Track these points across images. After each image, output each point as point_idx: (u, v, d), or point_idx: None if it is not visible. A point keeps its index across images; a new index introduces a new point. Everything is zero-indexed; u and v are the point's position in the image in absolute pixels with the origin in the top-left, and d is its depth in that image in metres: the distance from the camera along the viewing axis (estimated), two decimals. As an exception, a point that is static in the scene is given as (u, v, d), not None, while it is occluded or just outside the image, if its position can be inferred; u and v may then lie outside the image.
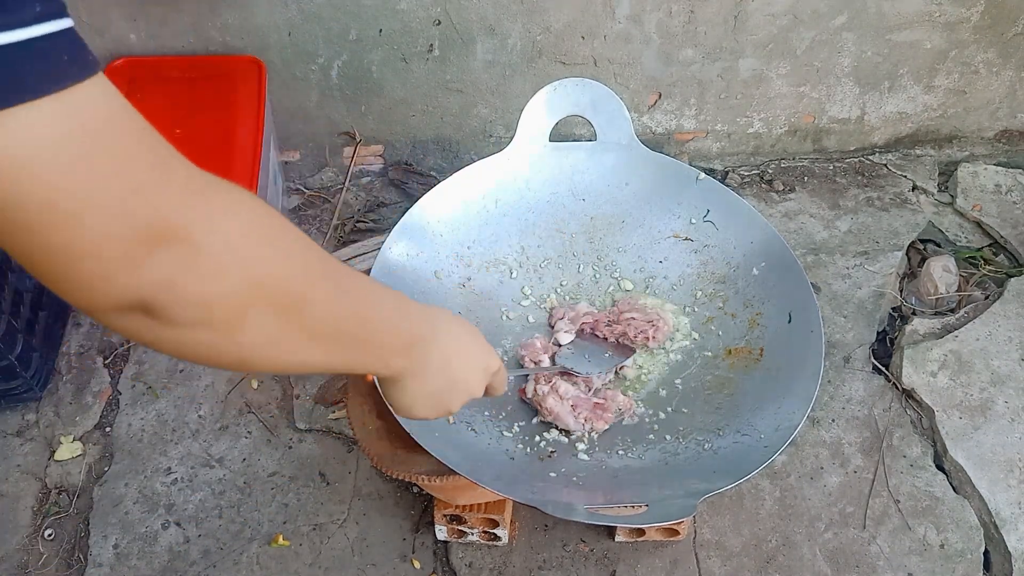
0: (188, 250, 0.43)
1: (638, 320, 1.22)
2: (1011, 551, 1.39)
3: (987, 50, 1.83)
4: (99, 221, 0.40)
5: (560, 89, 1.22)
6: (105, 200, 0.39)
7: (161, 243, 0.42)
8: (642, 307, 1.25)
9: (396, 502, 1.46)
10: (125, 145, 0.41)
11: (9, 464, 1.51)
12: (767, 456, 0.98)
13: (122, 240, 0.41)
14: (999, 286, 1.76)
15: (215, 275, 0.45)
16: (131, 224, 0.41)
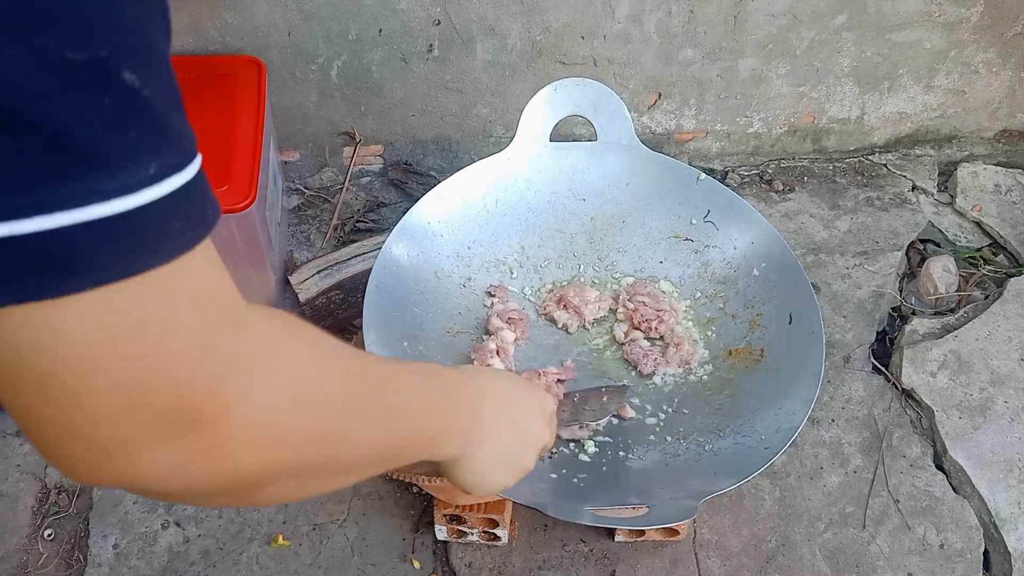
0: (208, 434, 0.37)
1: (647, 307, 1.23)
2: (1011, 551, 1.39)
3: (987, 50, 1.83)
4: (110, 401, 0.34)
5: (560, 89, 1.22)
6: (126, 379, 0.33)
7: (178, 430, 0.36)
8: (656, 293, 1.25)
9: (396, 502, 1.46)
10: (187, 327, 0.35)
11: (9, 464, 1.51)
12: (768, 457, 0.98)
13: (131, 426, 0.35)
14: (999, 286, 1.76)
15: (235, 457, 0.39)
16: (148, 408, 0.35)
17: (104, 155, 0.30)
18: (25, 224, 0.29)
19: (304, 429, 0.42)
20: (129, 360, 0.33)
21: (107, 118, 0.30)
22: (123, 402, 0.34)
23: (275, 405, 0.40)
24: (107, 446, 0.35)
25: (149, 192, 0.32)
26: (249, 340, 0.39)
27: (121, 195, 0.31)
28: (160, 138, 0.32)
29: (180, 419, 0.35)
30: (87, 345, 0.32)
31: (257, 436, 0.39)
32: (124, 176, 0.31)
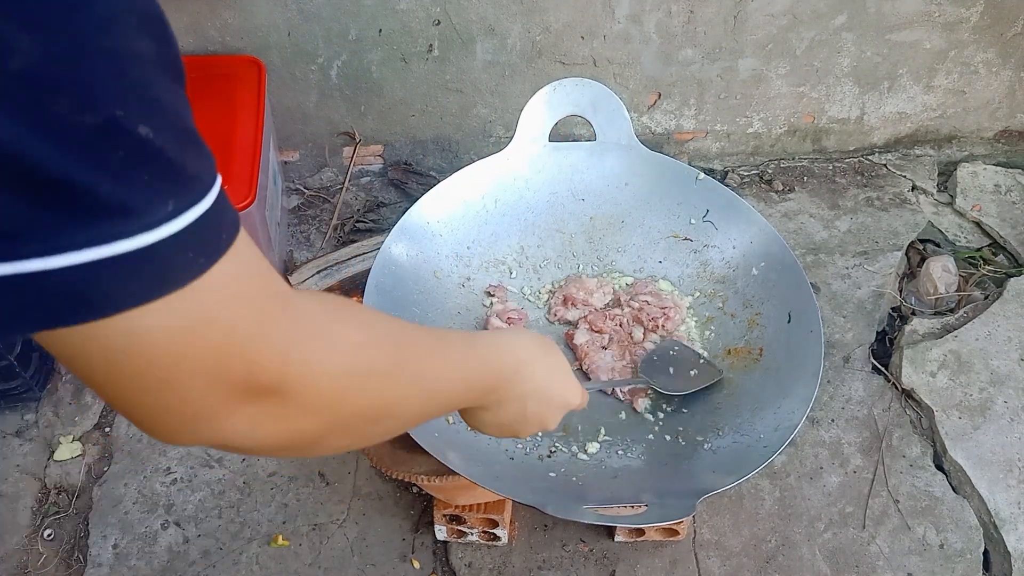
0: (276, 403, 0.43)
1: (652, 306, 1.23)
2: (1010, 551, 1.39)
3: (986, 50, 1.83)
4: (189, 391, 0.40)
5: (560, 89, 1.22)
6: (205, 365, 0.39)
7: (251, 399, 0.42)
8: (657, 292, 1.25)
9: (396, 502, 1.46)
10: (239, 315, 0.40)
11: (8, 464, 1.51)
12: (767, 456, 0.98)
13: (207, 405, 0.41)
14: (998, 286, 1.76)
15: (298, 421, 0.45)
16: (225, 384, 0.41)
17: (125, 203, 0.34)
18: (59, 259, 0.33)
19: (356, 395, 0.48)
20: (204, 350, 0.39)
21: (125, 170, 0.34)
22: (204, 383, 0.40)
23: (329, 377, 0.46)
24: (195, 416, 0.41)
25: (168, 227, 0.35)
26: (303, 322, 0.44)
27: (143, 232, 0.34)
28: (175, 180, 0.36)
29: (250, 392, 0.42)
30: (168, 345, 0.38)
31: (315, 403, 0.45)
32: (146, 217, 0.34)
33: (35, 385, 1.55)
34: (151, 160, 0.35)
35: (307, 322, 0.44)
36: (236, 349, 0.40)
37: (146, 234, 0.34)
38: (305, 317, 0.44)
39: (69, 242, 0.32)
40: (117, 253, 0.34)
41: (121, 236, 0.34)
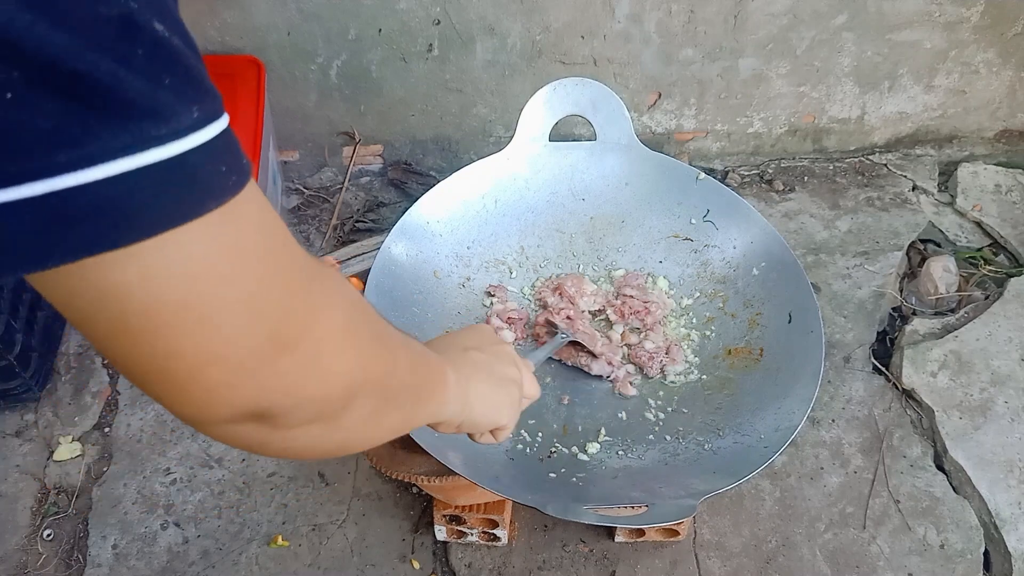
0: (308, 352, 0.43)
1: (635, 299, 1.23)
2: (1011, 551, 1.39)
3: (987, 50, 1.82)
4: (233, 329, 0.39)
5: (560, 89, 1.22)
6: (241, 310, 0.39)
7: (285, 349, 0.41)
8: (643, 286, 1.25)
9: (395, 502, 1.46)
10: (266, 255, 0.40)
11: (8, 464, 1.51)
12: (767, 456, 0.98)
13: (252, 347, 0.40)
14: (999, 286, 1.76)
15: (331, 372, 0.46)
16: (262, 331, 0.40)
17: (151, 103, 0.32)
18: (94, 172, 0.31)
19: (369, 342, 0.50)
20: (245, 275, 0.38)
21: (146, 67, 0.32)
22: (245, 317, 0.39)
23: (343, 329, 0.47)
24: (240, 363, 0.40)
25: (197, 136, 0.34)
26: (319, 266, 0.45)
27: (173, 139, 0.33)
28: (196, 85, 0.35)
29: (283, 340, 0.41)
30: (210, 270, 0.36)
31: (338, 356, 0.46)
32: (173, 122, 0.33)
33: (35, 385, 1.55)
34: (171, 60, 0.33)
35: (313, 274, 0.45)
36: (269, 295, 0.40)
37: (177, 142, 0.33)
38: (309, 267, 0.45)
39: (101, 150, 0.31)
40: (153, 162, 0.32)
41: (153, 143, 0.32)
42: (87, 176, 0.31)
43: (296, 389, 0.43)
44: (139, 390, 1.38)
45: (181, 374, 0.39)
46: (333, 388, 0.46)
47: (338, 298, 0.47)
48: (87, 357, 1.65)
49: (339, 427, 0.49)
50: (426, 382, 0.64)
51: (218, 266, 0.37)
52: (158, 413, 1.57)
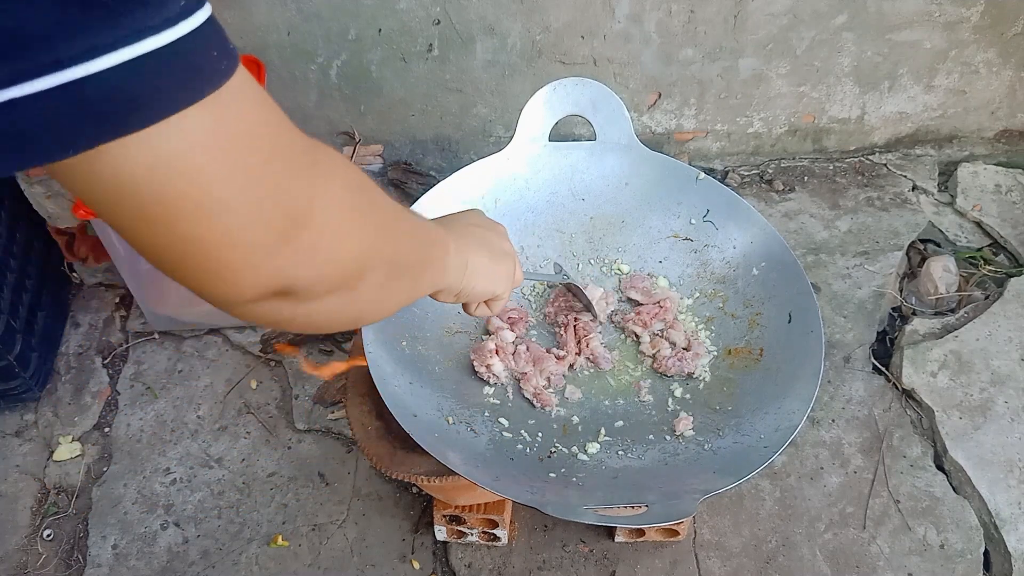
0: (319, 226, 0.45)
1: (648, 305, 1.23)
2: (1011, 551, 1.39)
3: (987, 50, 1.82)
4: (247, 210, 0.41)
5: (560, 89, 1.22)
6: (253, 190, 0.41)
7: (297, 225, 0.44)
8: (647, 288, 1.25)
9: (395, 502, 1.46)
10: (266, 135, 0.42)
11: (8, 464, 1.51)
12: (767, 456, 0.98)
13: (267, 226, 0.42)
14: (999, 286, 1.76)
15: (343, 245, 0.48)
16: (273, 210, 0.42)
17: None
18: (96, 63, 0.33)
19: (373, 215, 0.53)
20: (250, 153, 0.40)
21: None
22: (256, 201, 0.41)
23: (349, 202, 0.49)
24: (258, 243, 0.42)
25: (187, 23, 0.36)
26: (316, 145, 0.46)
27: (166, 27, 0.35)
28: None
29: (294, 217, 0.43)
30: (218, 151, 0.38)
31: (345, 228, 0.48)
32: (164, 11, 0.35)
33: (34, 385, 1.55)
34: None
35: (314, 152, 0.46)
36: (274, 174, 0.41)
37: (170, 29, 0.35)
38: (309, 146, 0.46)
39: (102, 42, 0.33)
40: (150, 49, 0.34)
41: (149, 32, 0.34)
42: (92, 67, 0.33)
43: (313, 263, 0.46)
44: (138, 390, 1.40)
45: (203, 258, 0.41)
46: (346, 259, 0.49)
47: (340, 174, 0.49)
48: (87, 357, 1.65)
49: (356, 298, 0.53)
50: (429, 251, 0.68)
51: (222, 149, 0.39)
52: (158, 413, 1.57)
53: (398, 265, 0.58)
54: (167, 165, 0.37)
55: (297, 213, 0.44)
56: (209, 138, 0.38)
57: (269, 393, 1.60)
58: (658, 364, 1.20)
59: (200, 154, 0.38)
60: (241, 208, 0.40)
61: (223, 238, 0.41)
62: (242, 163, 0.40)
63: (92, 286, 1.75)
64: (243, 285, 0.44)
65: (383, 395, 1.01)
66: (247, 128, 0.40)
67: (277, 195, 0.42)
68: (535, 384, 1.16)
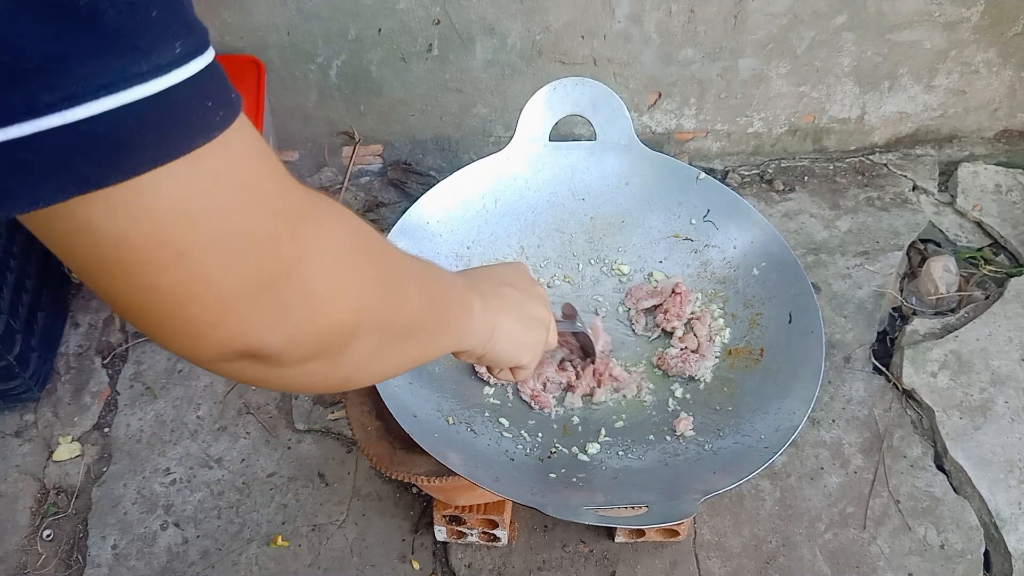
0: (295, 291, 0.42)
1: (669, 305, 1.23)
2: (1011, 551, 1.39)
3: (987, 50, 1.82)
4: (216, 264, 0.38)
5: (560, 88, 1.22)
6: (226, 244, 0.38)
7: (268, 287, 0.41)
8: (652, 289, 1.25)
9: (395, 503, 1.45)
10: (257, 189, 0.39)
11: (7, 464, 1.51)
12: (767, 457, 0.98)
13: (232, 285, 0.39)
14: (999, 286, 1.76)
15: (323, 310, 0.44)
16: (242, 269, 0.39)
17: (134, 38, 0.32)
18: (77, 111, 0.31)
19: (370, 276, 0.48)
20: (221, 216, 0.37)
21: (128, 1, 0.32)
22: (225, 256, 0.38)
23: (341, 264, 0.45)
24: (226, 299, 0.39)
25: (181, 71, 0.34)
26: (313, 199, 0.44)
27: (156, 76, 0.33)
28: (179, 20, 0.34)
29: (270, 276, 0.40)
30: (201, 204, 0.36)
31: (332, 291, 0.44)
32: (155, 57, 0.33)
33: (34, 385, 1.54)
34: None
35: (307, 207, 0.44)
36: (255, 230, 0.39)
37: (161, 78, 0.33)
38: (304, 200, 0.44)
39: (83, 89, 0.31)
40: (138, 98, 0.32)
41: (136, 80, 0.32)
42: (71, 116, 0.31)
43: (285, 328, 0.42)
44: (138, 390, 1.41)
45: (163, 311, 0.39)
46: (327, 326, 0.45)
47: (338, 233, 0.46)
48: (87, 357, 1.65)
49: (342, 364, 0.48)
50: (445, 313, 0.63)
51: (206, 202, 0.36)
52: (158, 413, 1.57)
53: (400, 329, 0.54)
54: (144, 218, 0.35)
55: (267, 274, 0.40)
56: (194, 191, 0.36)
57: (269, 393, 1.60)
58: (662, 361, 1.20)
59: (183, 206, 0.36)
60: (206, 264, 0.38)
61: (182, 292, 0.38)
62: (226, 216, 0.37)
63: (92, 286, 1.74)
64: (203, 342, 0.41)
65: (383, 395, 1.01)
66: (237, 181, 0.38)
67: (246, 254, 0.39)
68: (532, 386, 1.16)
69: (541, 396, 1.15)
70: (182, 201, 0.36)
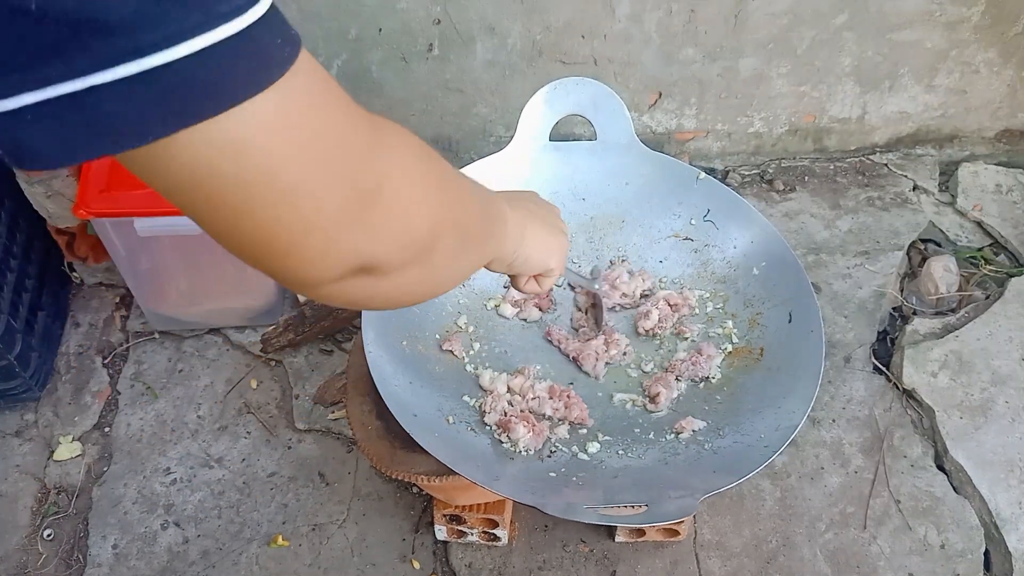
0: (392, 200, 0.46)
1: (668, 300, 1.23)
2: (1011, 551, 1.39)
3: (987, 50, 1.82)
4: (320, 191, 0.42)
5: (560, 88, 1.22)
6: (327, 170, 0.42)
7: (371, 200, 0.45)
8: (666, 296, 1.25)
9: (396, 502, 1.46)
10: (332, 116, 0.43)
11: (8, 464, 1.51)
12: (767, 456, 0.98)
13: (343, 205, 0.43)
14: (1000, 286, 1.76)
15: (416, 215, 0.49)
16: (347, 188, 0.43)
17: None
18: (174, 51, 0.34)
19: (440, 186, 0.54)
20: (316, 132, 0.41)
21: None
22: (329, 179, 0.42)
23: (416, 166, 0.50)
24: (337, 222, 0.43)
25: (253, 11, 0.37)
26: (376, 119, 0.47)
27: (236, 15, 0.36)
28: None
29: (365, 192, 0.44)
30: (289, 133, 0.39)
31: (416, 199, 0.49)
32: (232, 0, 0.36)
33: (34, 385, 1.55)
34: None
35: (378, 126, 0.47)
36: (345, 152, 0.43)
37: (240, 17, 0.36)
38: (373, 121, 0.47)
39: (180, 30, 0.34)
40: (224, 37, 0.35)
41: (221, 19, 0.35)
42: (170, 55, 0.34)
43: (390, 236, 0.47)
44: (138, 390, 1.41)
45: (281, 242, 0.42)
46: (420, 230, 0.50)
47: (406, 147, 0.50)
48: (87, 357, 1.65)
49: (432, 268, 0.54)
50: (492, 219, 0.70)
51: (292, 131, 0.40)
52: (158, 413, 1.57)
53: (467, 232, 0.60)
54: (241, 149, 0.38)
55: (368, 190, 0.45)
56: (279, 121, 0.39)
57: (269, 393, 1.60)
58: (672, 367, 1.19)
59: (272, 137, 0.39)
60: (314, 189, 0.41)
61: (299, 220, 0.42)
62: (312, 144, 0.41)
63: (92, 286, 1.75)
64: (324, 265, 0.45)
65: (383, 395, 1.01)
66: (314, 110, 0.41)
67: (348, 173, 0.43)
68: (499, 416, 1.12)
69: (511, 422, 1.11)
70: (278, 129, 0.39)
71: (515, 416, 1.10)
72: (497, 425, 1.10)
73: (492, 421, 1.10)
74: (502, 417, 1.10)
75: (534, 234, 0.80)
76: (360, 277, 0.48)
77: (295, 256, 0.43)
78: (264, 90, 0.38)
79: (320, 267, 0.45)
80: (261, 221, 0.41)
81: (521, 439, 1.07)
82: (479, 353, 1.21)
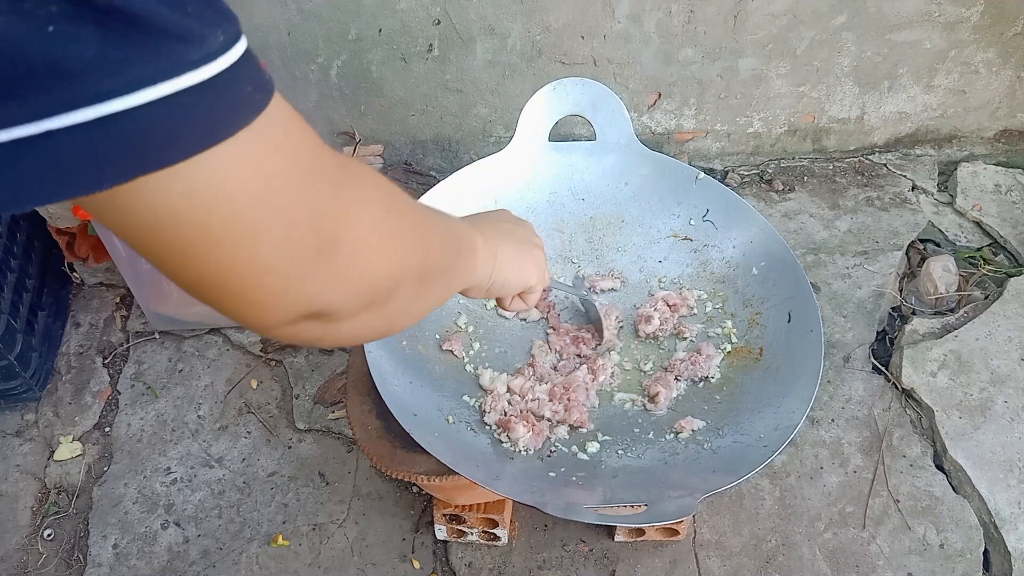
0: (351, 250, 0.46)
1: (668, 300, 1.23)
2: (1011, 551, 1.39)
3: (987, 50, 1.83)
4: (279, 237, 0.41)
5: (559, 89, 1.22)
6: (288, 215, 0.41)
7: (329, 250, 0.44)
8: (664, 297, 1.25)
9: (396, 502, 1.46)
10: (298, 161, 0.42)
11: (8, 464, 1.51)
12: (767, 455, 0.98)
13: (300, 251, 0.43)
14: (999, 286, 1.76)
15: (374, 266, 0.49)
16: (305, 237, 0.43)
17: (181, 30, 0.34)
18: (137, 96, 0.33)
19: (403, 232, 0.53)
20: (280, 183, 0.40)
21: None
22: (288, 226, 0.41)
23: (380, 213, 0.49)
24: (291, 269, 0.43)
25: (224, 59, 0.36)
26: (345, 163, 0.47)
27: (205, 63, 0.35)
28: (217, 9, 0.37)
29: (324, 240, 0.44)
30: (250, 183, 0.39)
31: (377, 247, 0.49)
32: (203, 47, 0.35)
33: (35, 385, 1.55)
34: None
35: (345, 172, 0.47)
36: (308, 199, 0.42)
37: (208, 65, 0.35)
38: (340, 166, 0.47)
39: (142, 76, 0.33)
40: (190, 85, 0.35)
41: (188, 67, 0.34)
42: (131, 101, 0.33)
43: (345, 286, 0.47)
44: (139, 390, 1.41)
45: (238, 286, 0.42)
46: (378, 279, 0.50)
47: (371, 194, 0.49)
48: (87, 357, 1.65)
49: (388, 312, 0.53)
50: (459, 254, 0.69)
51: (255, 180, 0.39)
52: (158, 413, 1.57)
53: (430, 275, 0.59)
54: (201, 196, 0.37)
55: (328, 238, 0.44)
56: (241, 169, 0.38)
57: (269, 393, 1.60)
58: (671, 367, 1.19)
59: (232, 185, 0.38)
60: (273, 235, 0.41)
61: (256, 265, 0.41)
62: (274, 190, 0.40)
63: (93, 286, 1.75)
64: (276, 311, 0.44)
65: (383, 395, 1.01)
66: (280, 156, 0.41)
67: (309, 220, 0.43)
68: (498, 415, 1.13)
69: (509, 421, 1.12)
70: (238, 177, 0.38)
71: (515, 416, 1.10)
72: (497, 425, 1.10)
73: (492, 421, 1.11)
74: (502, 417, 1.11)
75: (506, 257, 0.80)
76: (312, 322, 0.47)
77: (247, 301, 0.43)
78: (228, 138, 0.37)
79: (272, 312, 0.44)
80: (215, 265, 0.40)
81: (521, 439, 1.07)
82: (479, 353, 1.21)
